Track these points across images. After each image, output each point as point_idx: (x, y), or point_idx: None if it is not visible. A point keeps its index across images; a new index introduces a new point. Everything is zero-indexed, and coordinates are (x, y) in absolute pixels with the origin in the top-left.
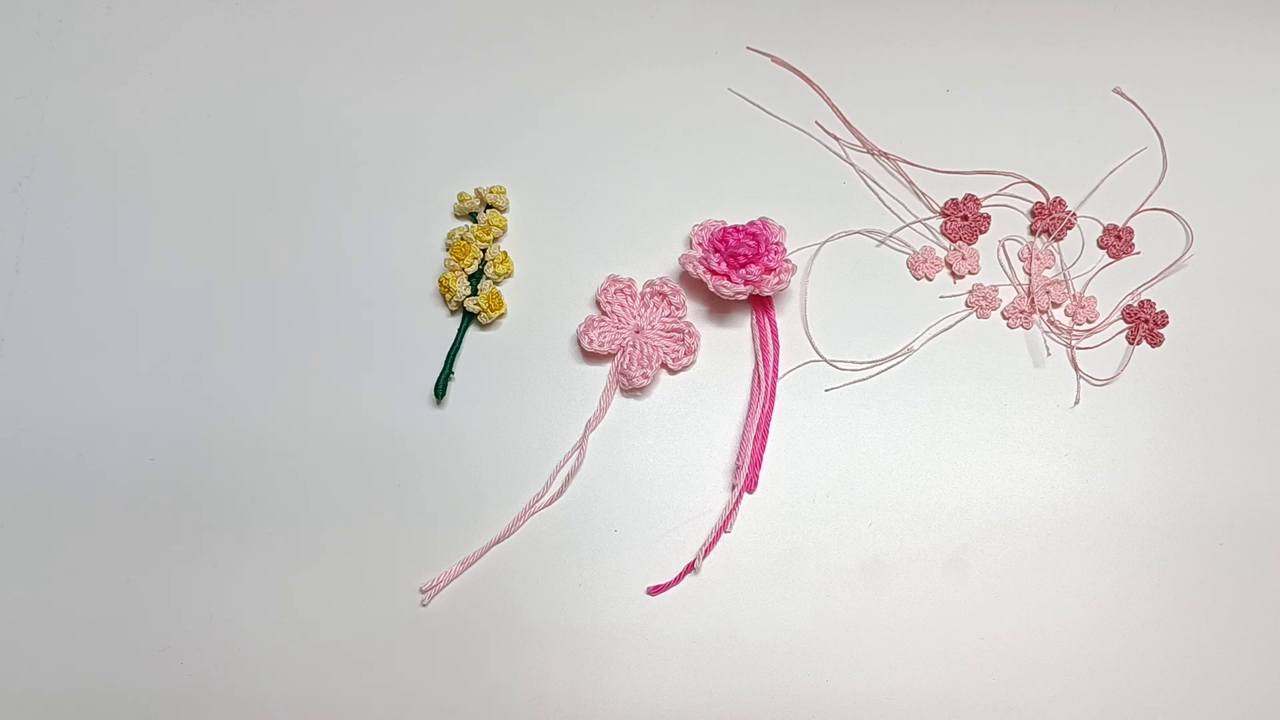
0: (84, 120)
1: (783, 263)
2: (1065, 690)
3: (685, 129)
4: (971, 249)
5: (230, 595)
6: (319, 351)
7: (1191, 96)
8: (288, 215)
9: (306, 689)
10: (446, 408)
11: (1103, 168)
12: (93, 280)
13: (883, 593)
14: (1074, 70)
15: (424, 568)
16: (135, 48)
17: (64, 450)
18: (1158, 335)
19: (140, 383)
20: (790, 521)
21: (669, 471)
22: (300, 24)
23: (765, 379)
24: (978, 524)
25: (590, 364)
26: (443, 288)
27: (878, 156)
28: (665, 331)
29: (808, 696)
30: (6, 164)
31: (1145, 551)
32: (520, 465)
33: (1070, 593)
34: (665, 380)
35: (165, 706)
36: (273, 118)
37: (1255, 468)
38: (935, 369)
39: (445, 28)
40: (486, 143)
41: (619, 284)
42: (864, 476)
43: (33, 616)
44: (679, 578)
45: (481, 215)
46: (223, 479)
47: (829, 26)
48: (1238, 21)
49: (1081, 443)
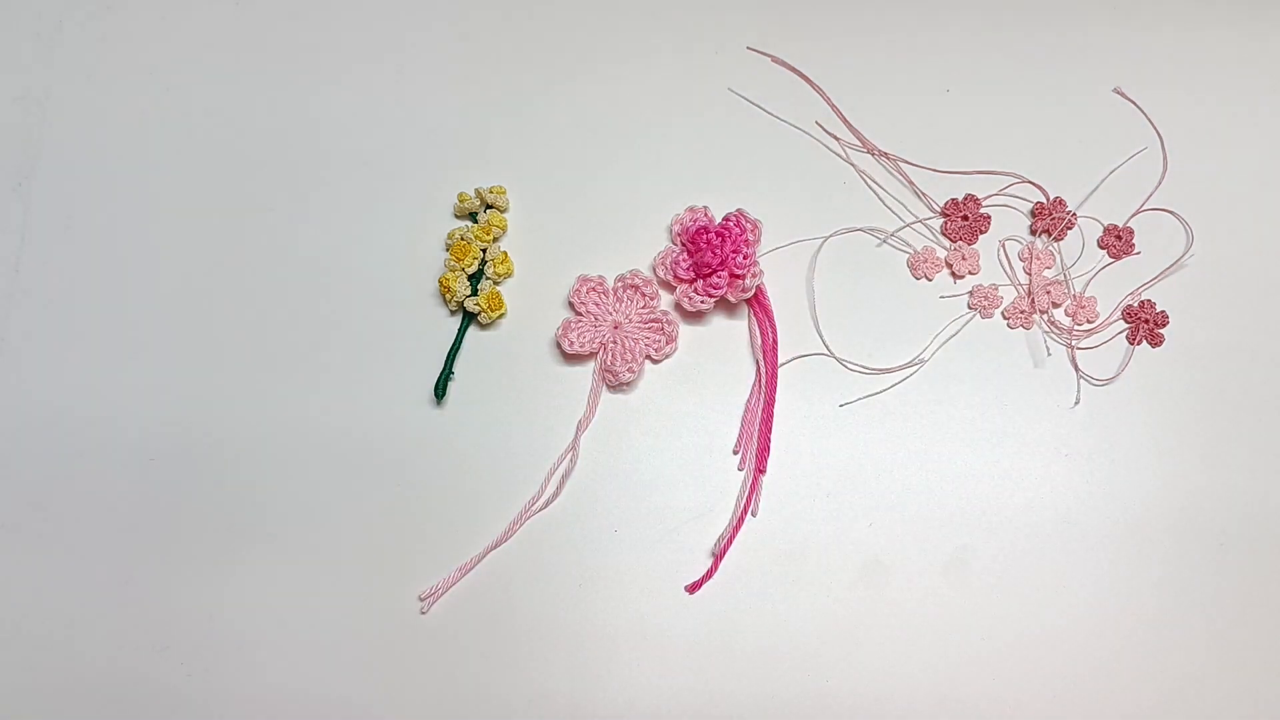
0: (84, 120)
1: (750, 266)
2: (1065, 690)
3: (686, 129)
4: (972, 249)
5: (230, 596)
6: (319, 351)
7: (1191, 96)
8: (288, 215)
9: (306, 688)
10: (446, 408)
11: (1103, 168)
12: (93, 280)
13: (883, 593)
14: (1074, 70)
15: (423, 572)
16: (135, 47)
17: (64, 450)
18: (1158, 335)
19: (140, 383)
20: (790, 521)
21: (669, 470)
22: (300, 24)
23: (765, 364)
24: (978, 524)
25: (590, 364)
26: (443, 288)
27: (878, 156)
28: (643, 323)
29: (808, 696)
30: (6, 164)
31: (1145, 552)
32: (520, 467)
33: (1070, 593)
34: (662, 377)
35: (165, 706)
36: (273, 118)
37: (1255, 468)
38: (935, 369)
39: (446, 28)
40: (486, 143)
41: (590, 282)
42: (864, 476)
43: (33, 616)
44: (712, 570)
45: (481, 215)
46: (222, 479)
47: (829, 26)
48: (1238, 22)
49: (1081, 443)
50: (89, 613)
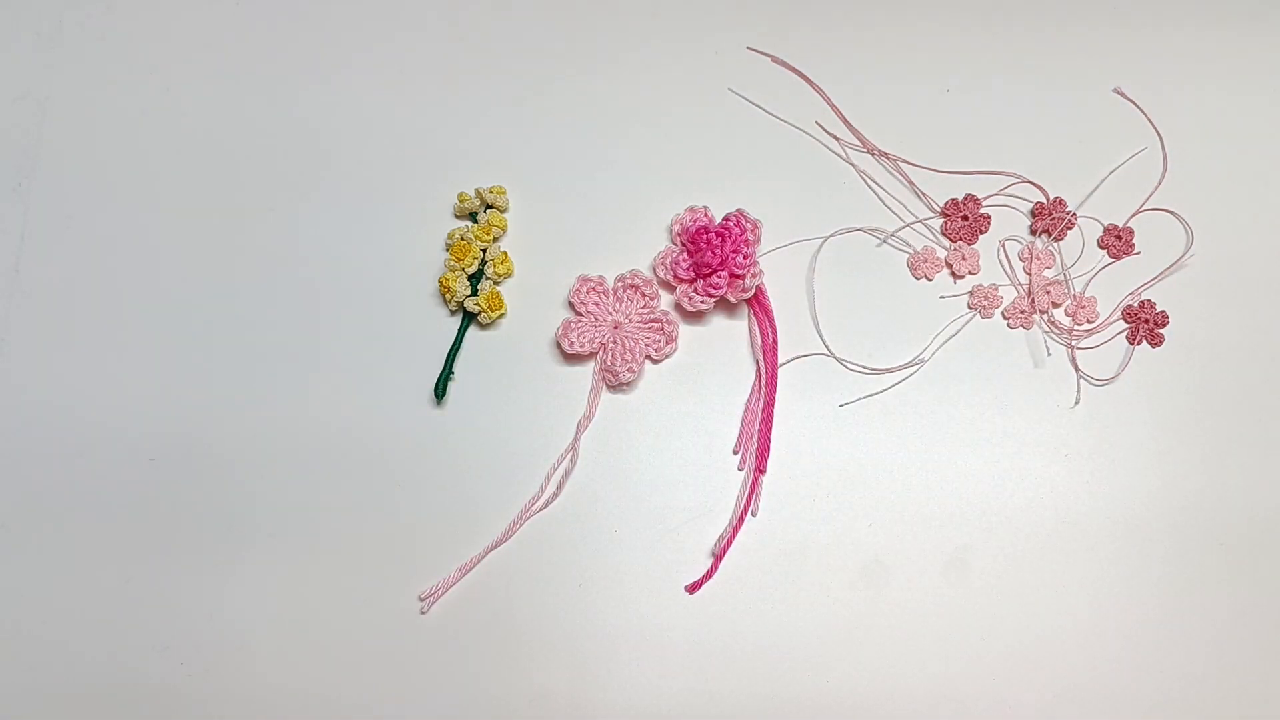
0: (84, 120)
1: (750, 266)
2: (1065, 690)
3: (686, 129)
4: (972, 249)
5: (230, 596)
6: (319, 351)
7: (1191, 96)
8: (288, 215)
9: (306, 688)
10: (446, 408)
11: (1103, 168)
12: (93, 280)
13: (883, 593)
14: (1074, 70)
15: (423, 572)
16: (135, 48)
17: (64, 450)
18: (1158, 335)
19: (140, 383)
20: (790, 521)
21: (669, 470)
22: (300, 24)
23: (765, 364)
24: (978, 524)
25: (590, 364)
26: (443, 288)
27: (878, 156)
28: (643, 323)
29: (808, 696)
30: (6, 164)
31: (1145, 551)
32: (520, 467)
33: (1070, 593)
34: (663, 377)
35: (165, 706)
36: (273, 118)
37: (1255, 468)
38: (936, 369)
39: (446, 28)
40: (486, 143)
41: (590, 282)
42: (864, 476)
43: (33, 616)
44: (711, 570)
45: (481, 215)
46: (223, 479)
47: (829, 26)
48: (1238, 22)
49: (1081, 443)
50: (89, 613)
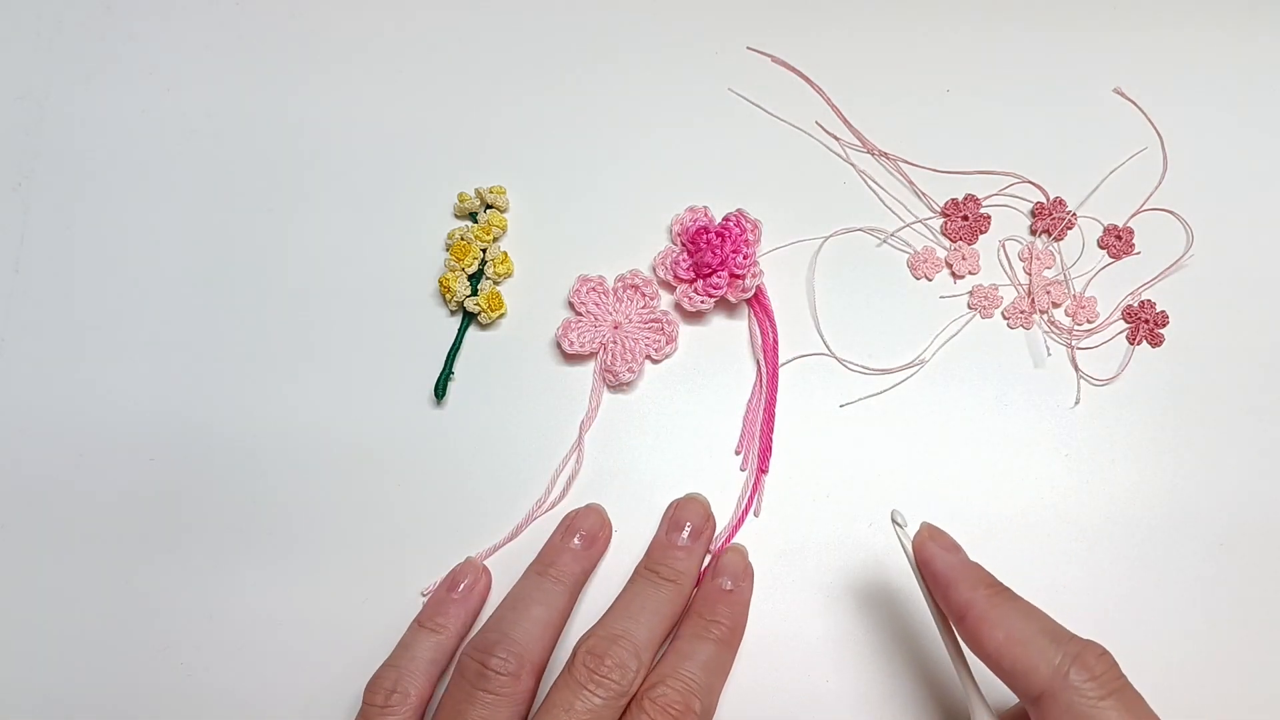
0: (84, 120)
1: (750, 266)
2: None
3: (685, 129)
4: (972, 249)
5: (230, 595)
6: (319, 352)
7: (1191, 96)
8: (287, 215)
9: (307, 688)
10: (446, 408)
11: (1103, 168)
12: (93, 280)
13: (883, 592)
14: (1074, 70)
15: (423, 572)
16: (135, 47)
17: (64, 450)
18: (1158, 335)
19: (140, 383)
20: (790, 521)
21: (669, 470)
22: (300, 24)
23: (765, 364)
24: (978, 524)
25: (590, 364)
26: (443, 288)
27: (878, 156)
28: (643, 323)
29: (808, 696)
30: (6, 164)
31: (1145, 551)
32: (521, 467)
33: (1070, 593)
34: (663, 377)
35: (165, 706)
36: (273, 118)
37: (1255, 468)
38: (936, 369)
39: (445, 27)
40: (486, 143)
41: (590, 282)
42: (864, 476)
43: (33, 616)
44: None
45: (481, 215)
46: (223, 479)
47: (829, 26)
48: (1238, 21)
49: (1081, 443)
50: (89, 613)
